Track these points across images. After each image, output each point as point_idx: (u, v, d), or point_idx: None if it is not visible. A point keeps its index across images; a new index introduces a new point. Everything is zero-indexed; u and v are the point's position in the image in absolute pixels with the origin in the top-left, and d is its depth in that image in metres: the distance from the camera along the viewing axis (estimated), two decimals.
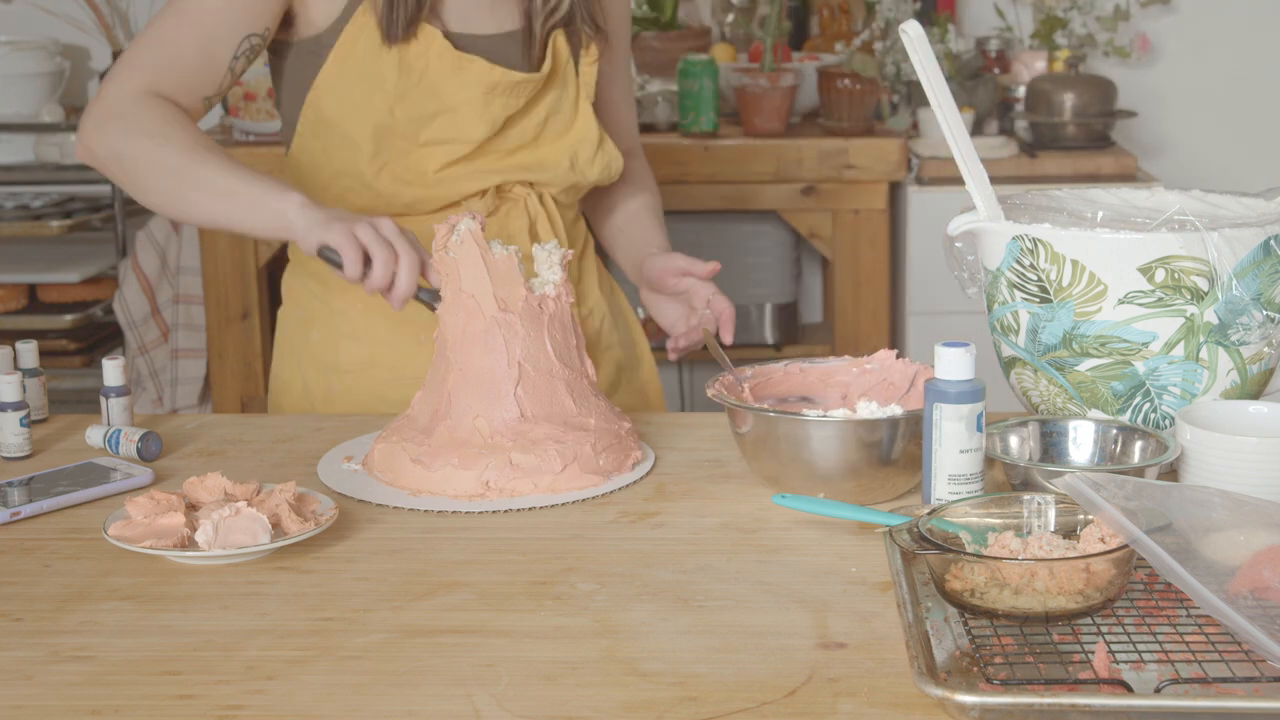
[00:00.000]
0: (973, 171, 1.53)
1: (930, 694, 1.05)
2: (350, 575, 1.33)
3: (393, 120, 1.75)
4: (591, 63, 1.86)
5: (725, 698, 1.09)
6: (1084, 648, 1.14)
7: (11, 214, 3.59)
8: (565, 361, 1.56)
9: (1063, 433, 1.49)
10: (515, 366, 1.53)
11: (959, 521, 1.25)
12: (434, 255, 1.56)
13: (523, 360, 1.54)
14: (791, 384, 1.63)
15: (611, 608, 1.25)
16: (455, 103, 1.76)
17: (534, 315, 1.55)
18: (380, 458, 1.55)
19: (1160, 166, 3.78)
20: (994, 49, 3.63)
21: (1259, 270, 1.47)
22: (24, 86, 3.62)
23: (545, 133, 1.84)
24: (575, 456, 1.51)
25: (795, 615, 1.23)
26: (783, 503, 1.38)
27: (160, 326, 3.48)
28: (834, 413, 1.46)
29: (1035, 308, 1.51)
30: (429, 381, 1.59)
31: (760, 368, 1.62)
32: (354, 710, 1.09)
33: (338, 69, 1.75)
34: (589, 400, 1.57)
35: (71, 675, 1.14)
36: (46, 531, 1.43)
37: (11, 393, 1.63)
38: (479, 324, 1.54)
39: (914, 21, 1.49)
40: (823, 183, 3.32)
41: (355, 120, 1.76)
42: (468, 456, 1.50)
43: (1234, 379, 1.50)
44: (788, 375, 1.63)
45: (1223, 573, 1.14)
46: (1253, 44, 3.81)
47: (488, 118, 1.78)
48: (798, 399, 1.62)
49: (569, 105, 1.85)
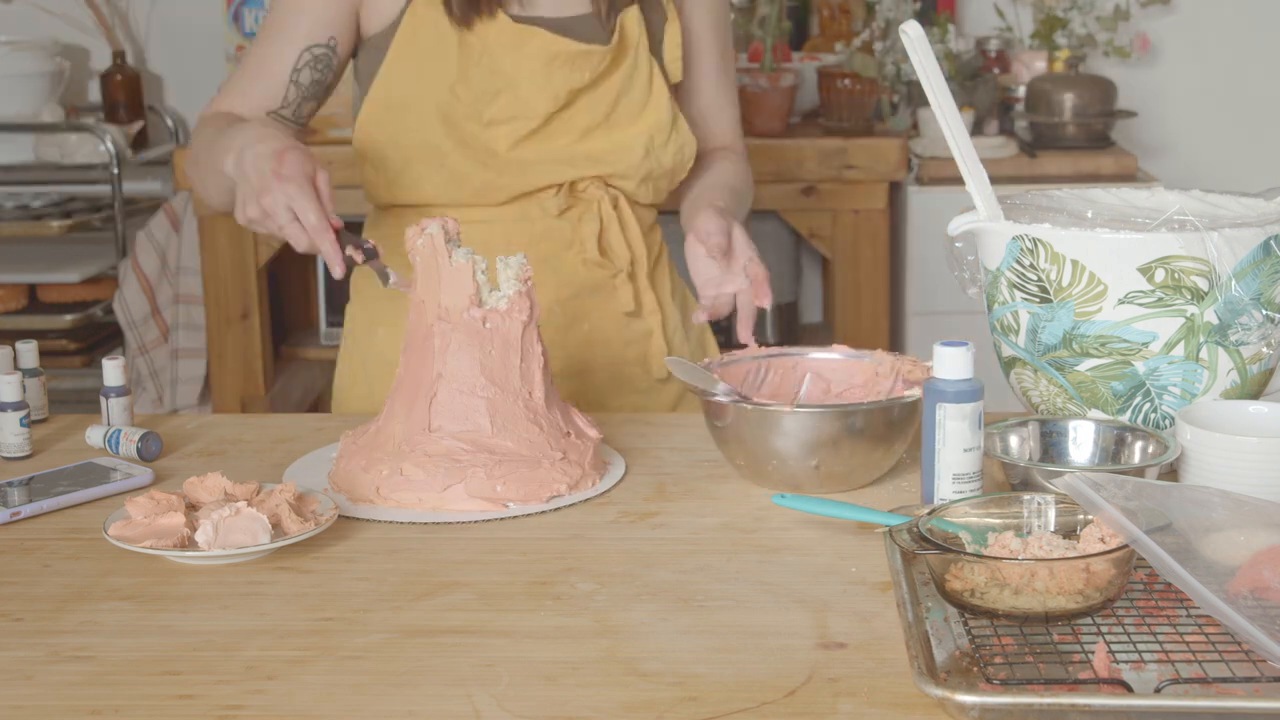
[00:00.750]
0: (973, 171, 1.53)
1: (930, 694, 1.05)
2: (350, 575, 1.33)
3: (455, 99, 1.77)
4: (673, 45, 1.86)
5: (725, 698, 1.09)
6: (1084, 648, 1.14)
7: (11, 214, 3.59)
8: (494, 379, 1.51)
9: (1063, 433, 1.49)
10: (435, 377, 1.51)
11: (959, 521, 1.25)
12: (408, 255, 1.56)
13: (443, 371, 1.51)
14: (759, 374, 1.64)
15: (611, 608, 1.25)
16: (516, 78, 1.78)
17: (471, 328, 1.51)
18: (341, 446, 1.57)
19: (1160, 166, 3.78)
20: (994, 49, 3.63)
21: (1259, 270, 1.47)
22: (24, 86, 3.62)
23: (617, 113, 1.83)
24: (463, 478, 1.47)
25: (795, 615, 1.23)
26: (783, 503, 1.38)
27: (160, 326, 3.48)
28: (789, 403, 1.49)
29: (1035, 308, 1.51)
30: None
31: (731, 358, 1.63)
32: (354, 710, 1.09)
33: (400, 54, 1.78)
34: (516, 423, 1.51)
35: (71, 675, 1.14)
36: (46, 531, 1.43)
37: (11, 393, 1.63)
38: (421, 330, 1.53)
39: (914, 22, 1.49)
40: (823, 183, 3.32)
41: (420, 103, 1.78)
42: (373, 459, 1.50)
43: (1234, 379, 1.50)
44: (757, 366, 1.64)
45: (1223, 573, 1.14)
46: (1253, 44, 3.81)
47: (549, 91, 1.78)
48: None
49: (642, 85, 1.84)
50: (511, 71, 1.78)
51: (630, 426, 1.71)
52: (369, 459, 1.50)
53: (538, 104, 1.79)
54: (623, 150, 1.84)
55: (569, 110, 1.81)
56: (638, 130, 1.84)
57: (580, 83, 1.80)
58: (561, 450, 1.51)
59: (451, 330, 1.51)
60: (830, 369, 1.65)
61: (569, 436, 1.54)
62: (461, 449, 1.48)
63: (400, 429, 1.51)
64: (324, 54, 1.80)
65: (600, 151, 1.83)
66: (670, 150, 1.86)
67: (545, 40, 1.78)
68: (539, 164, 1.81)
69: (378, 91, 1.81)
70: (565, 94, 1.79)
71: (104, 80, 3.69)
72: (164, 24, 3.87)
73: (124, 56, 3.70)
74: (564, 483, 1.50)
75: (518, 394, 1.52)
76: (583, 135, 1.82)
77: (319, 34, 1.79)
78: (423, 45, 1.78)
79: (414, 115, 1.79)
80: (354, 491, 1.49)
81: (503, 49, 1.78)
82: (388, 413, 1.54)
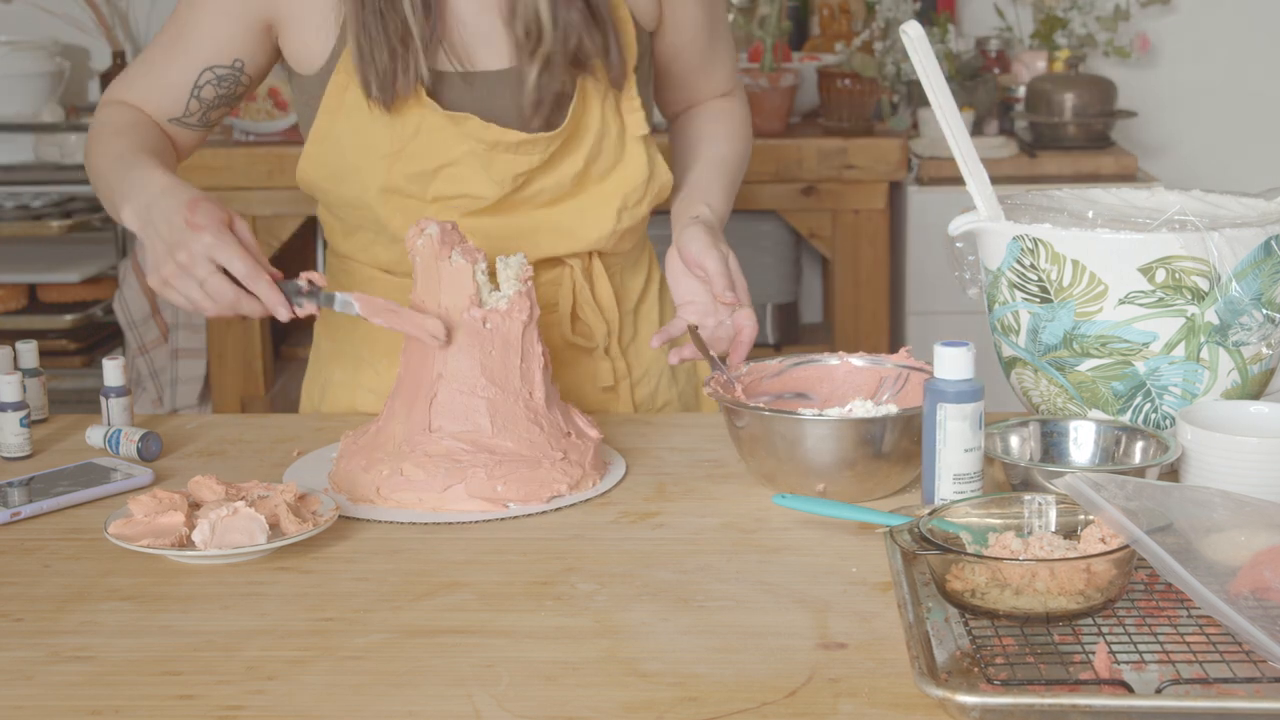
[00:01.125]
0: (973, 171, 1.53)
1: (931, 694, 1.05)
2: (350, 575, 1.32)
3: (394, 179, 1.64)
4: (632, 97, 1.67)
5: (725, 698, 1.09)
6: (1085, 648, 1.14)
7: (11, 214, 3.59)
8: (495, 379, 1.50)
9: (1063, 433, 1.49)
10: (436, 377, 1.51)
11: (959, 522, 1.25)
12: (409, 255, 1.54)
13: (444, 372, 1.50)
14: (785, 382, 1.63)
15: (612, 608, 1.25)
16: (455, 156, 1.63)
17: (472, 329, 1.50)
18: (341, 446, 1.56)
19: (1160, 166, 3.78)
20: (994, 49, 3.63)
21: (1259, 270, 1.47)
22: (24, 86, 3.62)
23: (588, 178, 1.68)
24: (464, 478, 1.46)
25: (796, 615, 1.23)
26: (783, 503, 1.38)
27: (160, 326, 3.48)
28: (829, 411, 1.47)
29: (1036, 308, 1.51)
30: None
31: (755, 365, 1.62)
32: (354, 710, 1.09)
33: (328, 126, 1.65)
34: (517, 423, 1.50)
35: (71, 675, 1.14)
36: (46, 531, 1.43)
37: (11, 393, 1.63)
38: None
39: (914, 22, 1.49)
40: (823, 183, 3.32)
41: (358, 174, 1.65)
42: (374, 459, 1.50)
43: (1234, 379, 1.50)
44: (781, 371, 1.62)
45: (1223, 573, 1.14)
46: (1253, 44, 3.81)
47: (494, 177, 1.64)
48: (793, 395, 1.62)
49: (612, 147, 1.67)
50: (449, 151, 1.62)
51: (630, 426, 1.71)
52: (369, 459, 1.50)
53: (483, 188, 1.64)
54: (591, 218, 1.69)
55: (524, 191, 1.66)
56: (609, 190, 1.69)
57: (530, 165, 1.64)
58: (562, 450, 1.51)
59: (450, 331, 1.51)
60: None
61: (569, 436, 1.54)
62: (462, 449, 1.48)
63: (400, 429, 1.51)
64: (228, 74, 1.66)
65: (569, 221, 1.69)
66: (647, 201, 1.72)
67: (478, 129, 1.61)
68: (497, 239, 1.65)
69: (313, 148, 1.66)
70: (512, 179, 1.64)
71: (104, 80, 3.70)
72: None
73: (124, 56, 3.70)
74: (564, 483, 1.49)
75: (518, 394, 1.52)
76: (546, 205, 1.68)
77: (221, 56, 1.65)
78: (352, 118, 1.63)
79: (354, 183, 1.65)
80: (354, 492, 1.49)
81: (436, 127, 1.62)
82: (388, 413, 1.54)
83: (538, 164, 1.64)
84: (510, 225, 1.68)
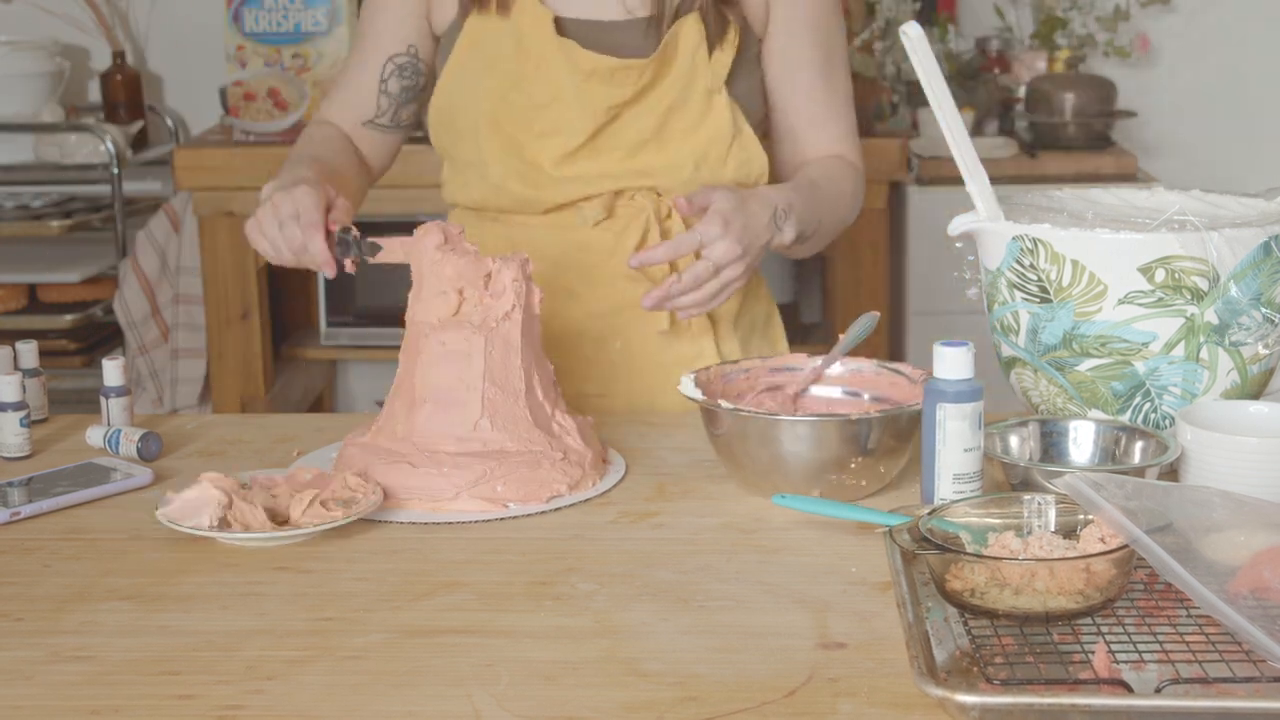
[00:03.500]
0: (973, 171, 1.53)
1: (930, 694, 1.05)
2: (350, 575, 1.33)
3: (508, 107, 1.76)
4: (726, 52, 1.76)
5: (725, 698, 1.09)
6: (1084, 648, 1.14)
7: (11, 214, 3.59)
8: (495, 379, 1.50)
9: (1063, 433, 1.49)
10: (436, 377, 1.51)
11: (959, 521, 1.25)
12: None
13: (444, 372, 1.50)
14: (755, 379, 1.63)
15: (611, 608, 1.25)
16: (561, 90, 1.75)
17: (472, 329, 1.51)
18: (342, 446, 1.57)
19: (1160, 166, 3.78)
20: (994, 49, 3.63)
21: (1259, 270, 1.47)
22: (24, 86, 3.62)
23: (669, 128, 1.77)
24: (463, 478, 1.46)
25: (795, 615, 1.23)
26: (783, 503, 1.38)
27: (160, 326, 3.48)
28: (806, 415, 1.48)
29: (1035, 308, 1.51)
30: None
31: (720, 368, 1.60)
32: (354, 710, 1.09)
33: (459, 60, 1.79)
34: (517, 423, 1.50)
35: (71, 675, 1.14)
36: (46, 531, 1.43)
37: (11, 393, 1.63)
38: (420, 329, 1.53)
39: (914, 22, 1.49)
40: None
41: (474, 107, 1.78)
42: (374, 459, 1.50)
43: (1234, 379, 1.50)
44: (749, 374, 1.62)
45: (1223, 573, 1.14)
46: (1253, 44, 3.81)
47: (589, 107, 1.74)
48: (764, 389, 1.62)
49: (697, 98, 1.76)
50: (558, 83, 1.74)
51: (630, 426, 1.71)
52: (369, 459, 1.50)
53: (580, 120, 1.75)
54: (673, 167, 1.77)
55: (614, 125, 1.76)
56: (691, 144, 1.77)
57: (621, 98, 1.75)
58: (562, 450, 1.51)
59: (452, 330, 1.51)
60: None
61: (569, 436, 1.54)
62: (462, 449, 1.48)
63: (400, 429, 1.51)
64: (407, 62, 1.84)
65: (651, 167, 1.77)
66: (731, 164, 1.78)
67: (578, 54, 1.74)
68: (583, 179, 1.77)
69: (438, 98, 1.82)
70: (605, 110, 1.75)
71: (104, 80, 3.69)
72: (164, 24, 3.87)
73: (124, 56, 3.70)
74: (564, 483, 1.49)
75: (518, 394, 1.52)
76: (631, 152, 1.77)
77: (398, 44, 1.84)
78: (483, 45, 1.78)
79: (465, 121, 1.79)
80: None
81: (551, 58, 1.74)
82: (388, 413, 1.54)
83: (630, 96, 1.74)
84: (594, 167, 1.77)
